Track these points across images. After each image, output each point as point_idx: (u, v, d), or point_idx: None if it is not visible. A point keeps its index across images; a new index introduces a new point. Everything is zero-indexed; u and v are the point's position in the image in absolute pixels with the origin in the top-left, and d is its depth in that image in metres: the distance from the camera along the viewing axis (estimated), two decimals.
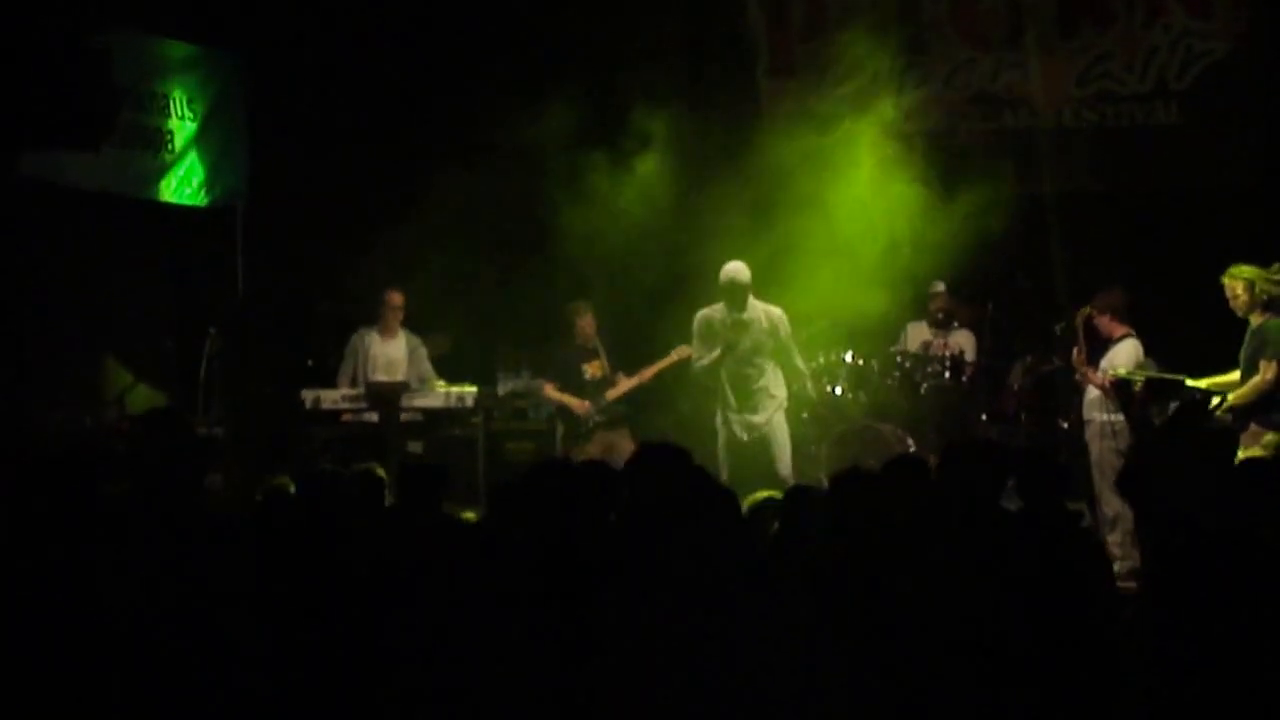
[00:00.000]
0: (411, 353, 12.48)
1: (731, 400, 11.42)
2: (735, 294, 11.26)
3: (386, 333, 12.46)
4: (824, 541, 5.68)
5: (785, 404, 11.58)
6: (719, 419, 11.48)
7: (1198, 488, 6.19)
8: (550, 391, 12.47)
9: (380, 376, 12.23)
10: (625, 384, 12.37)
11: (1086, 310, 11.53)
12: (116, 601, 4.95)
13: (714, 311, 11.44)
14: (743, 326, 11.28)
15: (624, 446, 11.92)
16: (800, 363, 11.74)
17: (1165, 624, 5.31)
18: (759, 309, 11.42)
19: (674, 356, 12.19)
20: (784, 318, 11.51)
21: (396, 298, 12.44)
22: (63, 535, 5.20)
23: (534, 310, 13.49)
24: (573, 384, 12.41)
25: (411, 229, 12.84)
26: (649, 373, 12.38)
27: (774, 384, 11.51)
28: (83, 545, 5.16)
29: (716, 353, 11.30)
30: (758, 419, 11.36)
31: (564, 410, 12.38)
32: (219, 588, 5.16)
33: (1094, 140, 13.90)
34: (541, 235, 13.29)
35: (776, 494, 6.74)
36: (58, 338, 11.83)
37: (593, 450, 11.91)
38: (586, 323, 12.52)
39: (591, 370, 12.48)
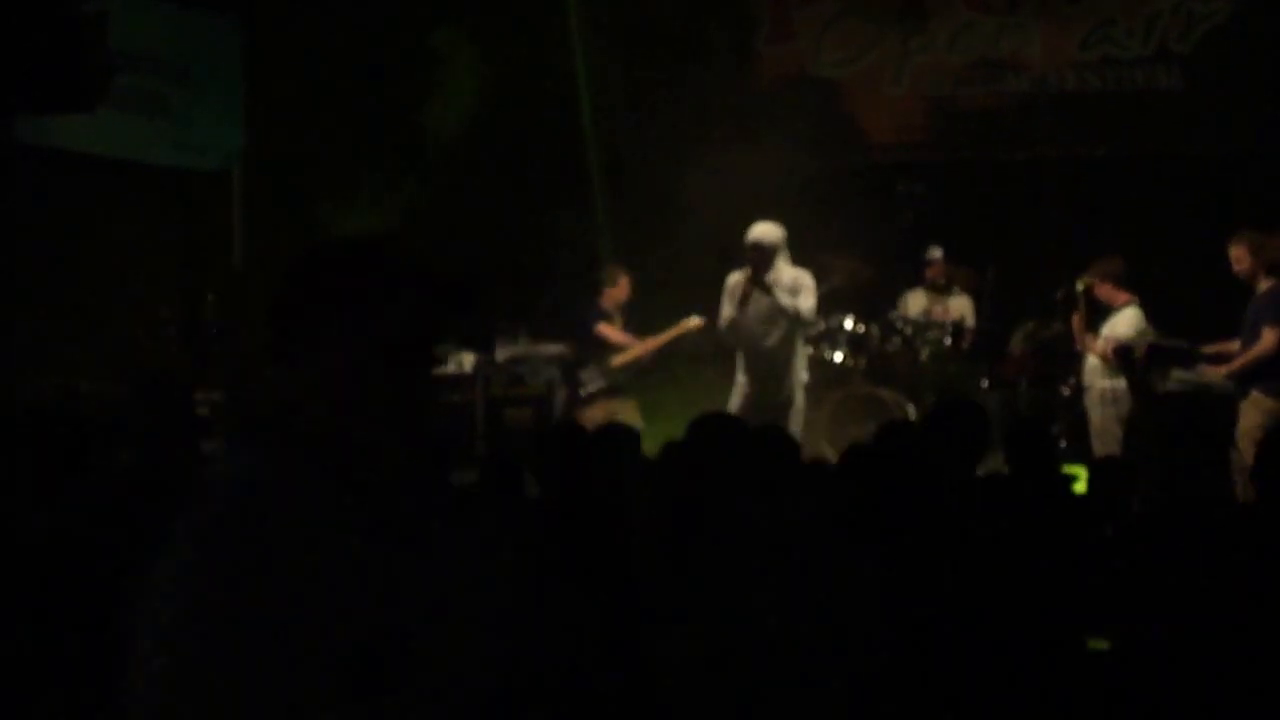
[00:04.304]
0: None
1: (749, 362, 11.11)
2: (758, 255, 10.80)
3: None
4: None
5: (805, 381, 11.33)
6: (736, 380, 11.18)
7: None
8: (605, 329, 12.20)
9: None
10: (631, 352, 12.25)
11: (1088, 280, 11.49)
12: (114, 572, 4.85)
13: (741, 273, 10.97)
14: (763, 286, 10.81)
15: (628, 416, 11.82)
16: (807, 313, 11.03)
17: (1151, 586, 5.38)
18: (787, 273, 10.95)
19: (682, 327, 12.06)
20: (809, 280, 11.05)
21: None
22: (57, 501, 5.11)
23: (535, 276, 13.43)
24: (586, 344, 12.28)
25: (410, 194, 12.75)
26: (654, 343, 12.18)
27: (798, 356, 11.20)
28: (80, 513, 5.08)
29: (734, 309, 10.91)
30: (777, 389, 11.00)
31: (567, 374, 12.29)
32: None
33: (1096, 105, 13.83)
34: (543, 201, 13.24)
35: None
36: (53, 304, 11.77)
37: (596, 417, 11.63)
38: (621, 287, 12.30)
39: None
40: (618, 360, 12.16)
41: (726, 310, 11.07)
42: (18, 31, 9.99)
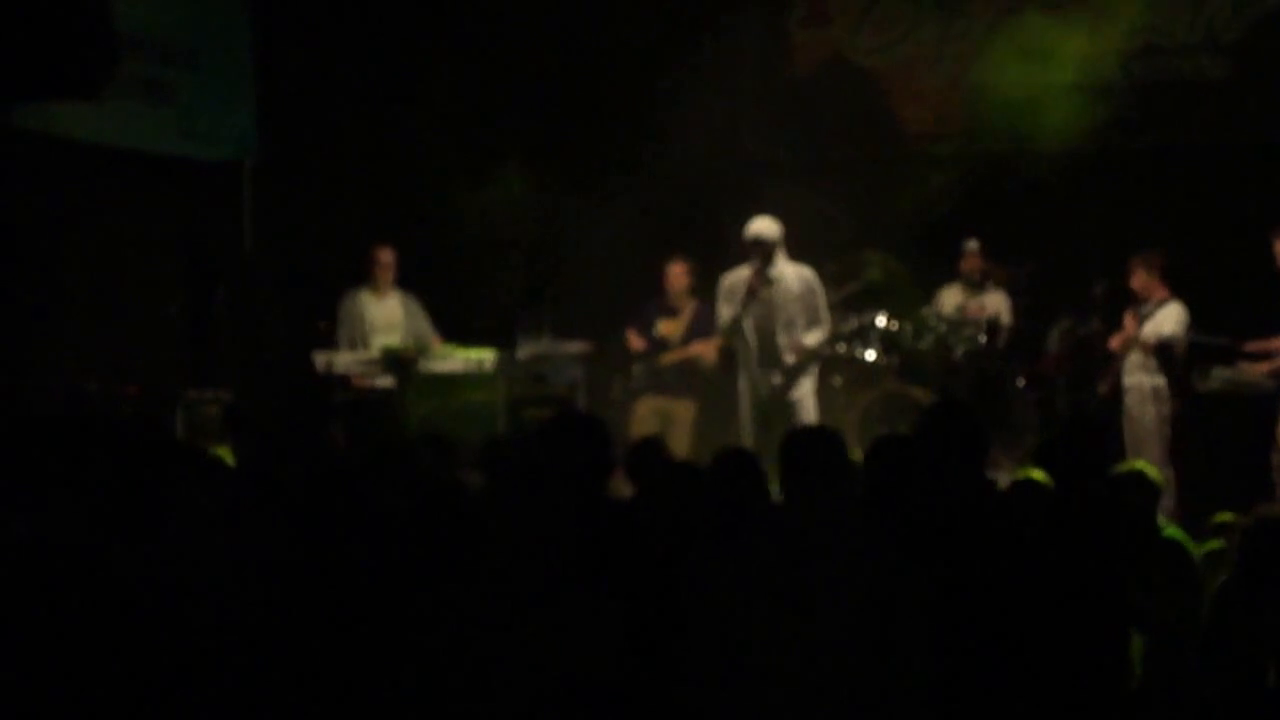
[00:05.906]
0: (407, 311, 12.10)
1: (754, 361, 10.92)
2: (760, 251, 10.77)
3: (380, 292, 12.07)
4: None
5: (815, 378, 11.12)
6: (741, 381, 11.01)
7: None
8: (632, 337, 12.08)
9: (380, 339, 11.88)
10: (676, 353, 11.91)
11: (1141, 266, 11.28)
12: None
13: (738, 273, 11.00)
14: (766, 282, 10.82)
15: (682, 417, 11.62)
16: (817, 337, 11.06)
17: None
18: (789, 269, 10.94)
19: (692, 351, 11.80)
20: (816, 280, 11.06)
21: (387, 255, 12.03)
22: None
23: (558, 272, 13.27)
24: (644, 339, 12.05)
25: (426, 187, 12.63)
26: (668, 358, 11.90)
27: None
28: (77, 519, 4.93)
29: (737, 307, 10.84)
30: (784, 389, 10.82)
31: (598, 372, 12.10)
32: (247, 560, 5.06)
33: (1140, 94, 13.52)
34: (567, 195, 13.11)
35: None
36: (57, 298, 11.62)
37: (643, 413, 11.65)
38: (674, 278, 12.04)
39: (666, 329, 12.03)
40: (666, 358, 11.90)
41: (726, 310, 11.01)
42: (19, 15, 9.99)
